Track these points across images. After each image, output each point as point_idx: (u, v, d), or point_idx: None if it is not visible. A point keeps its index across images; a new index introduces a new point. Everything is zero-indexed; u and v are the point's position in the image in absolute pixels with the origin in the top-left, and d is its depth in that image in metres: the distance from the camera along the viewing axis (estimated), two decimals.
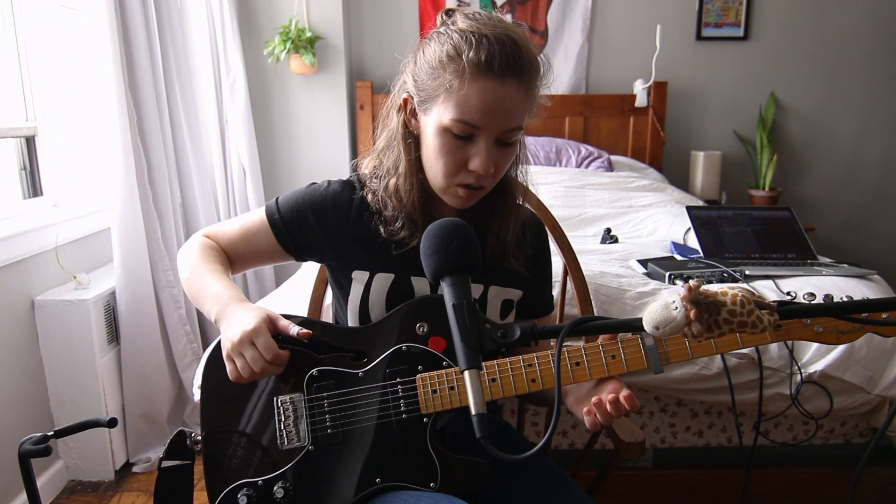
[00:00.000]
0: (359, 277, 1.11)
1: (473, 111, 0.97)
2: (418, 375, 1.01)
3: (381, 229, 1.08)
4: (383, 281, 1.10)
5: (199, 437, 1.06)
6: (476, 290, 1.12)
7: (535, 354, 0.98)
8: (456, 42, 0.98)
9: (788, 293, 1.40)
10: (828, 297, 0.95)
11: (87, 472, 2.20)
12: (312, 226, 1.12)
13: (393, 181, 1.09)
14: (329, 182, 1.15)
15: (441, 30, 1.03)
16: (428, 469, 0.99)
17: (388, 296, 1.09)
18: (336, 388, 1.02)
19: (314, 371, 1.03)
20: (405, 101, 1.07)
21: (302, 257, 1.17)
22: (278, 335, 0.99)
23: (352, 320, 1.13)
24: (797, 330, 0.94)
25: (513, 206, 1.15)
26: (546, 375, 0.98)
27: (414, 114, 1.07)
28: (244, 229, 1.16)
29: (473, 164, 1.00)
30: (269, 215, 1.14)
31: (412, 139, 1.07)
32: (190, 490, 1.07)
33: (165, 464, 1.05)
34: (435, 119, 1.01)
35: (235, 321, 0.99)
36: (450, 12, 1.07)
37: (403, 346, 1.02)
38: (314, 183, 1.16)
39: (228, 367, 0.98)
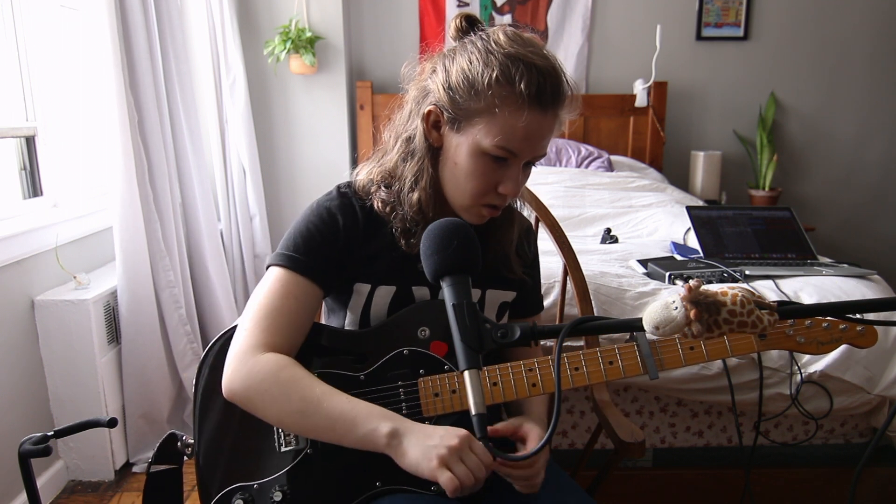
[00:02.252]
0: (360, 290, 1.08)
1: (518, 139, 0.98)
2: (420, 379, 1.00)
3: (403, 243, 1.05)
4: (384, 293, 1.08)
5: (191, 441, 1.04)
6: (474, 294, 1.11)
7: (535, 360, 0.98)
8: (504, 67, 0.97)
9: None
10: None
11: (87, 472, 2.20)
12: (330, 252, 1.05)
13: (416, 195, 1.05)
14: (318, 204, 1.08)
15: (479, 45, 1.00)
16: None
17: (390, 308, 1.08)
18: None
19: (314, 373, 1.01)
20: (429, 112, 1.03)
21: (332, 291, 1.10)
22: None
23: (350, 324, 1.11)
24: (781, 339, 0.96)
25: (513, 213, 1.16)
26: (546, 380, 0.98)
27: (437, 126, 1.04)
28: (292, 302, 1.01)
29: (505, 187, 1.01)
30: (294, 267, 1.02)
31: (433, 152, 1.05)
32: (179, 494, 1.05)
33: (154, 468, 1.03)
34: (471, 140, 0.99)
35: (437, 431, 0.92)
36: (471, 19, 1.05)
37: (405, 350, 1.02)
38: (297, 221, 1.09)
39: (444, 477, 0.87)
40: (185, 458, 1.05)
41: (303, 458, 0.99)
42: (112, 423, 1.10)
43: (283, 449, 1.00)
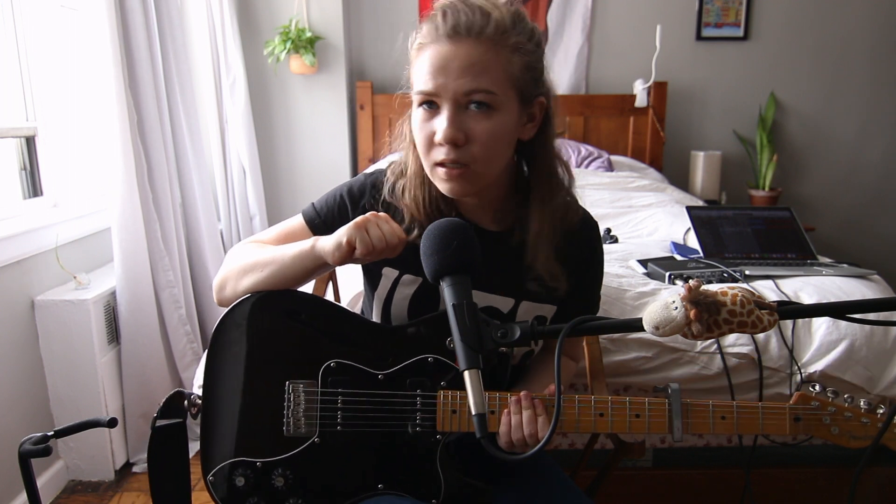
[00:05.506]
0: (388, 274, 1.09)
1: (427, 78, 0.96)
2: (440, 392, 0.97)
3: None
4: (409, 283, 1.07)
5: (199, 400, 1.01)
6: (506, 303, 1.08)
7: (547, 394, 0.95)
8: (420, 25, 1.00)
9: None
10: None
11: (87, 472, 2.20)
12: (349, 215, 1.09)
13: (401, 182, 1.09)
14: (363, 174, 1.15)
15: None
16: (432, 485, 0.98)
17: (413, 300, 1.07)
18: (352, 386, 0.99)
19: (331, 363, 0.99)
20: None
21: None
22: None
23: (375, 314, 1.12)
24: (815, 426, 0.94)
25: (546, 206, 1.06)
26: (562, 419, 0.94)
27: None
28: (283, 234, 1.14)
29: (437, 134, 0.96)
30: (306, 215, 1.14)
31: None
32: (185, 450, 1.03)
33: (160, 423, 1.00)
34: (413, 103, 1.02)
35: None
36: None
37: (430, 358, 0.99)
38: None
39: (360, 235, 0.93)
40: (191, 417, 1.02)
41: (308, 447, 0.98)
42: (112, 423, 1.09)
43: (290, 434, 0.98)
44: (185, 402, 1.02)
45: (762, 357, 1.68)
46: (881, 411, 0.94)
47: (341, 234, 0.94)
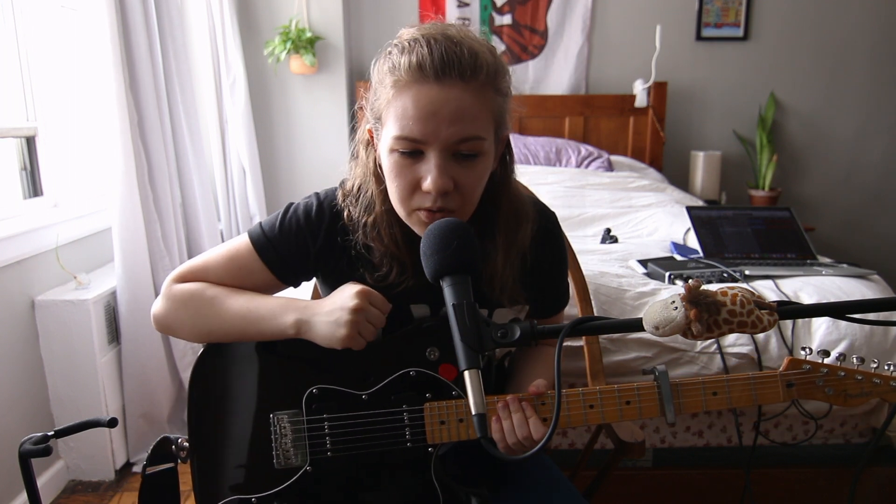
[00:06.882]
0: None
1: (412, 122, 0.88)
2: (426, 404, 0.96)
3: (367, 277, 1.01)
4: None
5: (186, 444, 1.01)
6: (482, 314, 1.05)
7: (547, 392, 0.95)
8: (393, 53, 0.93)
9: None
10: (841, 356, 0.96)
11: (87, 472, 2.20)
12: (298, 252, 1.04)
13: (371, 219, 1.01)
14: (315, 198, 1.06)
15: (388, 47, 0.96)
16: (430, 499, 0.97)
17: (386, 328, 1.03)
18: (337, 410, 0.97)
19: (313, 389, 0.97)
20: (369, 132, 1.01)
21: (298, 283, 1.09)
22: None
23: None
24: (810, 389, 0.93)
25: (512, 241, 1.03)
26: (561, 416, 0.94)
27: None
28: (233, 265, 1.04)
29: (425, 183, 0.90)
30: (256, 242, 1.03)
31: (379, 174, 0.99)
32: (176, 496, 1.04)
33: (150, 470, 1.00)
34: (384, 141, 0.94)
35: (335, 302, 0.94)
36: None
37: (412, 371, 0.97)
38: (292, 203, 1.07)
39: (354, 342, 0.93)
40: (180, 461, 1.02)
41: (302, 476, 0.97)
42: (112, 423, 1.09)
43: (281, 466, 0.97)
44: (173, 447, 1.01)
45: (762, 357, 1.68)
46: (874, 365, 0.93)
47: (334, 339, 0.93)
